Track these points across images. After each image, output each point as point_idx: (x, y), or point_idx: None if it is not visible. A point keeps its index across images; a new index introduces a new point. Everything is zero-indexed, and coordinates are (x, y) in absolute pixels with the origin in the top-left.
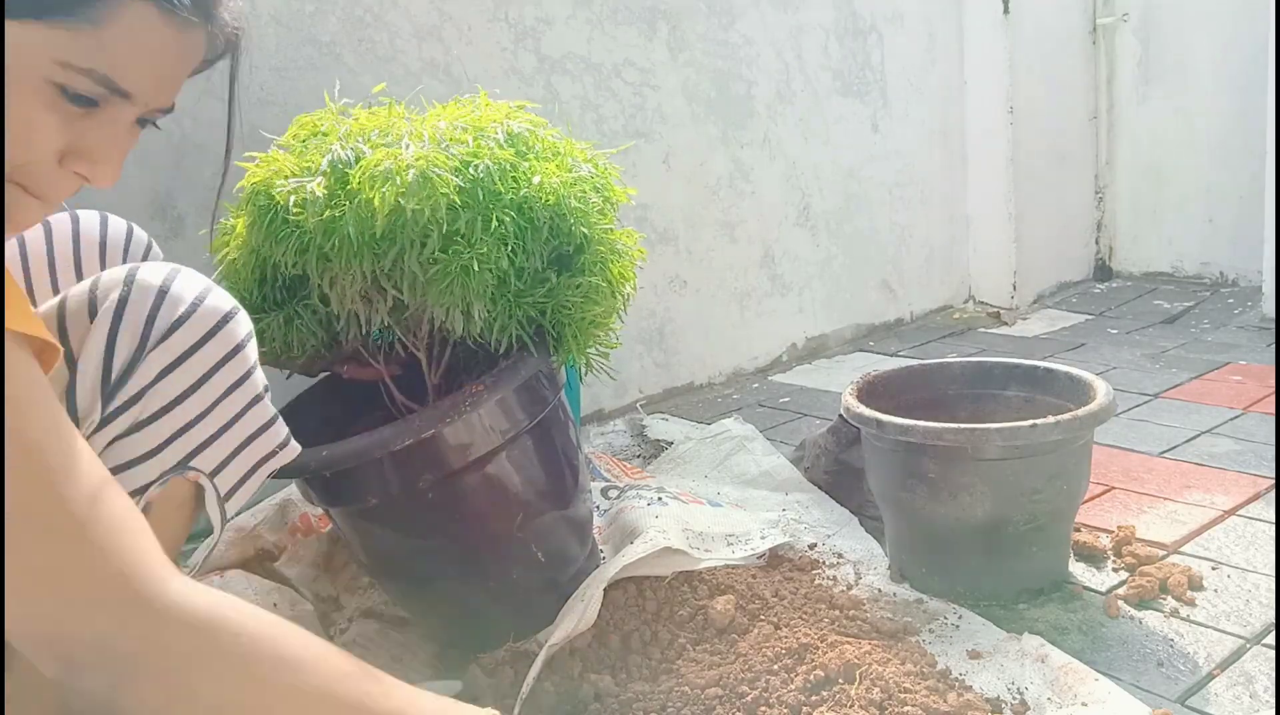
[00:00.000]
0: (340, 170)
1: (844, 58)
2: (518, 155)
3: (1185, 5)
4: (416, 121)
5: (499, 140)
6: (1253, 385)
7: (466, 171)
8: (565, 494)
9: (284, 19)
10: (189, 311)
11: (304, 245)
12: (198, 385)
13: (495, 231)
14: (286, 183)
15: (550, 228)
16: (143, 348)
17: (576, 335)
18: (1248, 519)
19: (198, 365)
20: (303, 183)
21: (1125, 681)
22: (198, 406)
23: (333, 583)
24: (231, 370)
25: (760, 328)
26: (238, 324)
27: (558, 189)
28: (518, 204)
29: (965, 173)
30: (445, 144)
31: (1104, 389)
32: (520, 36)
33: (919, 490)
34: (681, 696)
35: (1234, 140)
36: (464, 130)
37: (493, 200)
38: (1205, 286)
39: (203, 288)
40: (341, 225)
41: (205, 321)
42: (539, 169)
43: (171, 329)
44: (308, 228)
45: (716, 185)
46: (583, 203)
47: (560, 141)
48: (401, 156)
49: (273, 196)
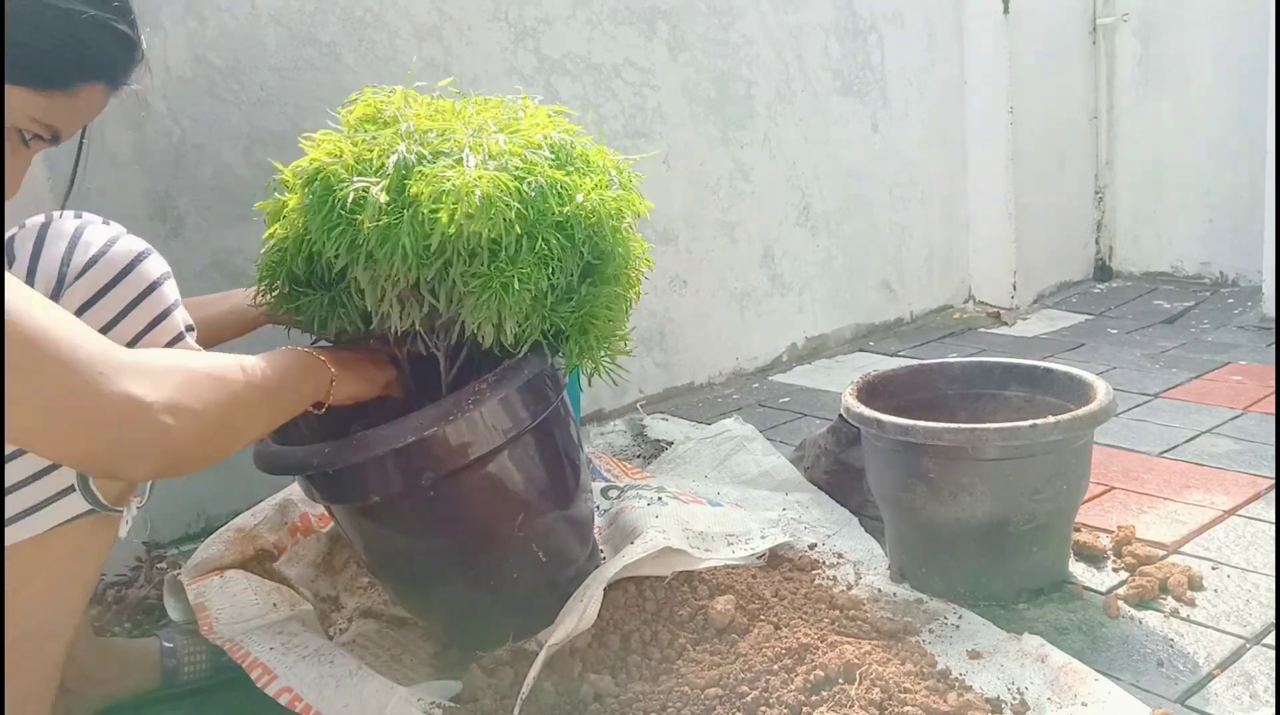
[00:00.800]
0: (401, 174)
1: (844, 58)
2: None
3: (1185, 5)
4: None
5: (548, 158)
6: (1253, 385)
7: (520, 190)
8: (566, 493)
9: (284, 19)
10: (99, 253)
11: (355, 243)
12: (114, 322)
13: (539, 251)
14: (349, 180)
15: (588, 245)
16: (59, 287)
17: (595, 343)
18: (1248, 519)
19: (113, 302)
20: (366, 184)
21: (1125, 681)
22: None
23: (333, 583)
24: (147, 308)
25: (760, 328)
26: (150, 264)
27: (598, 208)
28: (560, 223)
29: (965, 173)
30: (505, 160)
31: (1104, 389)
32: (520, 36)
33: (919, 490)
34: (681, 696)
35: (1234, 140)
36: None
37: (540, 220)
38: (1205, 286)
39: (113, 233)
40: (397, 234)
41: (116, 262)
42: (580, 186)
43: (85, 268)
44: (363, 228)
45: (716, 185)
46: (617, 220)
47: (592, 150)
48: (465, 173)
49: (331, 187)
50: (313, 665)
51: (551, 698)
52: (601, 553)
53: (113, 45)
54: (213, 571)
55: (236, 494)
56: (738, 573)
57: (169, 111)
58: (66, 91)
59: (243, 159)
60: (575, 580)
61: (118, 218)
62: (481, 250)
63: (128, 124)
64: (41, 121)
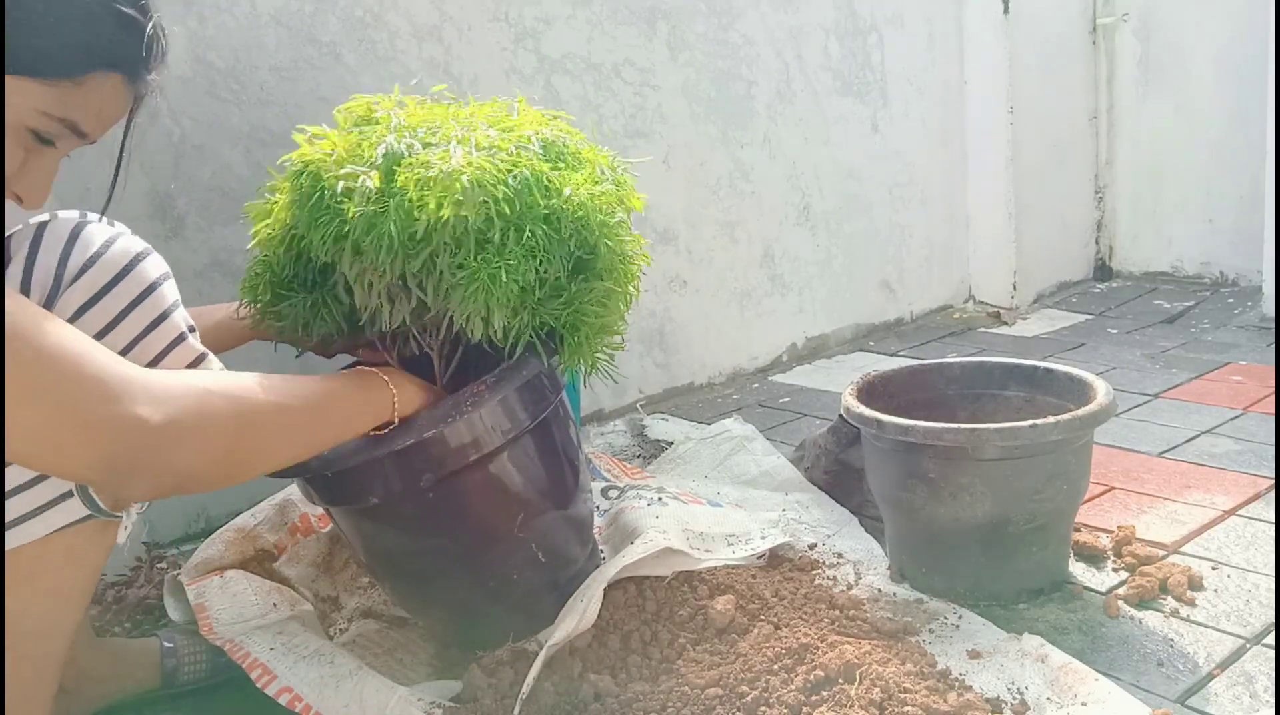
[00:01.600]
0: (391, 164)
1: (844, 58)
2: (552, 167)
3: (1185, 5)
4: (464, 121)
5: (538, 152)
6: (1253, 385)
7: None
8: (566, 494)
9: (284, 19)
10: (99, 253)
11: (341, 234)
12: (113, 324)
13: (526, 243)
14: (340, 170)
15: (576, 239)
16: (56, 289)
17: (588, 339)
18: (1248, 519)
19: (112, 303)
20: (357, 172)
21: (1125, 681)
22: (116, 345)
23: (333, 583)
24: (147, 309)
25: (760, 327)
26: (149, 265)
27: (585, 203)
28: (546, 216)
29: (965, 173)
30: (494, 152)
31: (1104, 389)
32: (520, 36)
33: (919, 490)
34: (681, 696)
35: (1234, 140)
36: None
37: (527, 212)
38: (1205, 286)
39: (112, 233)
40: (383, 221)
41: (116, 262)
42: (568, 180)
43: (83, 269)
44: (350, 218)
45: (716, 185)
46: (607, 215)
47: (585, 148)
48: (452, 160)
49: (320, 178)
50: (313, 665)
51: (551, 698)
52: (601, 553)
53: (115, 28)
54: (213, 571)
55: (237, 494)
56: (738, 573)
57: (169, 111)
58: (73, 80)
59: (243, 159)
60: (575, 580)
61: (117, 218)
62: (468, 239)
63: None
64: (54, 116)
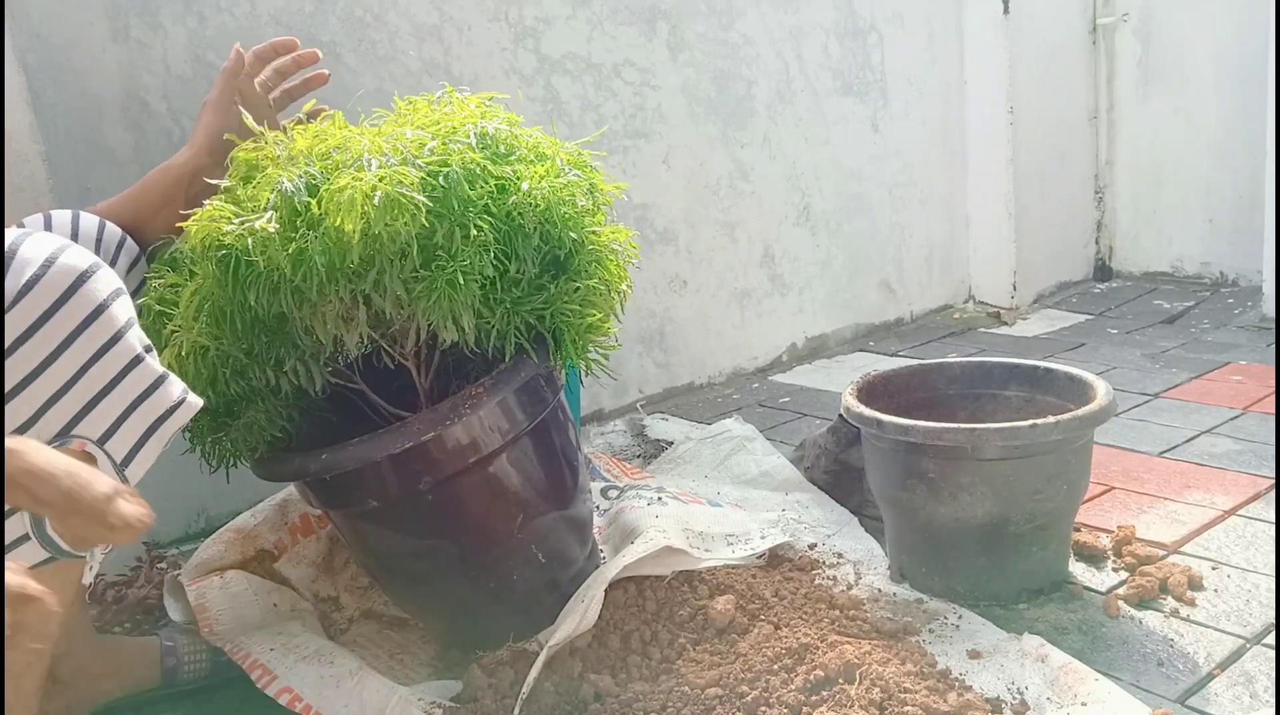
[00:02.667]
0: (291, 201)
1: (844, 57)
2: (496, 158)
3: (1185, 5)
4: (371, 134)
5: (469, 143)
6: (1253, 385)
7: (435, 181)
8: (565, 494)
9: (284, 19)
10: (38, 274)
11: (275, 283)
12: (60, 350)
13: (476, 240)
14: (233, 224)
15: (541, 234)
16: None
17: (575, 339)
18: (1248, 519)
19: (56, 330)
20: (249, 221)
21: (1125, 681)
22: (65, 372)
23: (333, 583)
24: (98, 332)
25: (760, 327)
26: (97, 282)
27: (546, 195)
28: (506, 211)
29: (965, 173)
30: (410, 156)
31: (1104, 389)
32: (520, 36)
33: (919, 490)
34: (681, 696)
35: (1234, 140)
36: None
37: (466, 207)
38: (1205, 286)
39: (56, 247)
40: (308, 257)
41: (58, 284)
42: (526, 174)
43: (20, 294)
44: (276, 265)
45: (716, 185)
46: (571, 207)
47: (542, 139)
48: (365, 178)
49: (227, 243)
50: (313, 666)
51: (551, 698)
52: (601, 553)
53: None
54: (213, 572)
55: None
56: (738, 573)
57: (169, 111)
58: None
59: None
60: (575, 581)
61: None
62: (411, 249)
63: (128, 124)
64: None
